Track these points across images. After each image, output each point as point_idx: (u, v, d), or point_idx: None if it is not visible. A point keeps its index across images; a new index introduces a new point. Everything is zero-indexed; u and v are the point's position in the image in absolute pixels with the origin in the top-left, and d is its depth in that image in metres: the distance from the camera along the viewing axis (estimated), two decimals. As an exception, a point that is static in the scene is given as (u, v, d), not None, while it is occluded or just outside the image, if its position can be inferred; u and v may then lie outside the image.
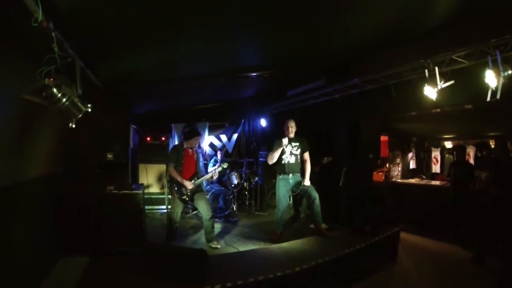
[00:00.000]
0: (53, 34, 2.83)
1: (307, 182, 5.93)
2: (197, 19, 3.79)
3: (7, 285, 3.21)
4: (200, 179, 5.85)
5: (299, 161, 6.09)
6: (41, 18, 2.51)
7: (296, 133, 6.17)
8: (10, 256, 3.30)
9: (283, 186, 6.05)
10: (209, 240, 5.82)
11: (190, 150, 5.92)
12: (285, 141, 5.91)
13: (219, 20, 3.90)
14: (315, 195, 5.90)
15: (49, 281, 4.13)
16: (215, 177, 6.12)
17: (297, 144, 6.08)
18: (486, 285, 4.61)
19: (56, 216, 4.80)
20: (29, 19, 2.50)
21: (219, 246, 5.79)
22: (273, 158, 6.00)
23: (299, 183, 5.99)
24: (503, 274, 4.42)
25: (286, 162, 6.00)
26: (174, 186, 5.73)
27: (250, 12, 3.79)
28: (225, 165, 6.44)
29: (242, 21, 4.06)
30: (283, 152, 5.99)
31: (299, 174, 6.05)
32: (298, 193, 6.16)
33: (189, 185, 5.63)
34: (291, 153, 6.03)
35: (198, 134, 6.04)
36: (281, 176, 6.09)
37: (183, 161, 5.80)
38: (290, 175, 6.00)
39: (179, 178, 5.63)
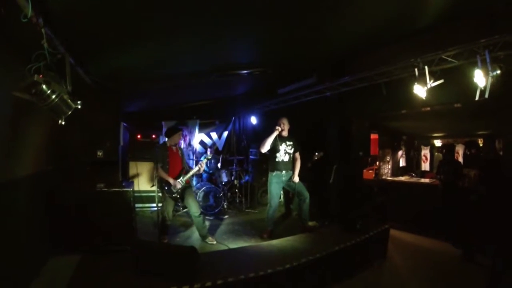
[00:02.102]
0: (42, 30, 2.81)
1: (296, 178, 6.02)
2: (188, 17, 3.78)
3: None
4: (187, 175, 5.85)
5: (291, 159, 6.16)
6: (30, 14, 2.48)
7: (288, 131, 6.21)
8: (0, 255, 3.27)
9: (276, 183, 6.10)
10: (203, 237, 5.87)
11: (174, 148, 5.98)
12: (279, 128, 5.98)
13: (211, 18, 3.89)
14: (306, 194, 6.01)
15: (40, 280, 4.09)
16: (201, 170, 6.13)
17: (291, 143, 6.16)
18: (475, 282, 4.65)
19: (46, 214, 4.75)
20: (18, 15, 2.47)
21: (214, 242, 5.85)
22: (265, 144, 6.02)
23: (290, 180, 6.05)
24: (493, 271, 4.48)
25: (280, 160, 6.06)
26: (164, 185, 5.74)
27: (243, 10, 3.79)
28: (209, 156, 6.50)
29: (234, 19, 4.06)
30: (277, 150, 6.04)
31: (291, 172, 6.11)
32: (287, 189, 6.23)
33: (177, 184, 5.66)
34: (285, 152, 6.08)
35: (178, 129, 6.10)
36: (274, 173, 6.13)
37: (168, 160, 5.83)
38: (283, 172, 6.06)
39: (167, 178, 5.68)
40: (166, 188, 5.73)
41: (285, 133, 6.16)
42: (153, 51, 4.98)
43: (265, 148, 6.04)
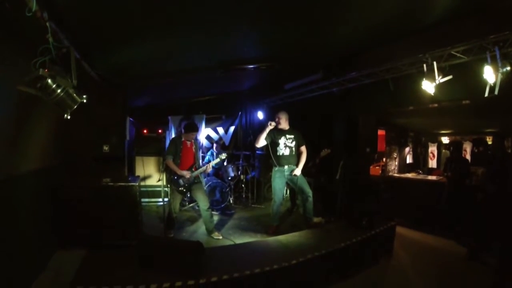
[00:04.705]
0: (47, 24, 2.80)
1: (297, 171, 5.98)
2: (195, 11, 3.75)
3: (4, 279, 3.20)
4: (197, 171, 5.86)
5: (294, 153, 6.10)
6: (35, 8, 2.47)
7: (292, 126, 6.18)
8: (6, 250, 3.28)
9: (279, 178, 6.07)
10: (209, 231, 5.90)
11: (188, 142, 5.96)
12: (272, 123, 5.94)
13: (218, 12, 3.87)
14: (309, 191, 5.96)
15: (46, 274, 4.12)
16: (209, 169, 6.13)
17: (292, 136, 6.09)
18: (481, 281, 4.61)
19: (52, 209, 4.77)
20: (23, 9, 2.46)
21: (220, 237, 5.84)
22: (259, 139, 6.03)
23: (291, 174, 6.02)
24: (498, 270, 4.44)
25: (280, 154, 6.02)
26: (173, 177, 5.77)
27: (250, 5, 3.76)
28: (223, 156, 6.41)
29: (241, 13, 4.03)
30: (277, 144, 6.00)
31: (295, 167, 6.05)
32: (290, 184, 6.20)
33: (186, 174, 5.70)
34: (285, 145, 6.03)
35: (195, 130, 6.06)
36: (276, 168, 6.10)
37: (181, 154, 5.83)
38: (286, 167, 6.02)
39: (176, 169, 5.69)
40: (174, 179, 5.76)
41: (285, 126, 6.12)
42: (159, 45, 4.97)
43: (260, 143, 6.03)
